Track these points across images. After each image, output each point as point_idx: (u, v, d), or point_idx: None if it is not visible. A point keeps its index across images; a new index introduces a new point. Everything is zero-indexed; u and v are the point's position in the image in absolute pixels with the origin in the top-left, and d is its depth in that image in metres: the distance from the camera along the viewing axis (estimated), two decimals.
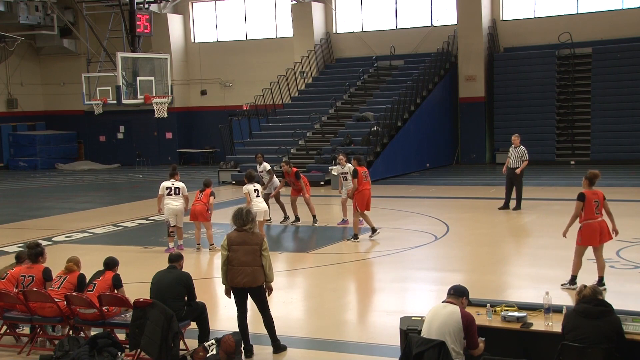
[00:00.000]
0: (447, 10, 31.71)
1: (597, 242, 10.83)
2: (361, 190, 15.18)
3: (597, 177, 10.94)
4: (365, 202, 15.22)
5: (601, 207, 10.82)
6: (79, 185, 29.44)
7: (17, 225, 19.19)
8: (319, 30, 33.31)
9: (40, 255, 9.46)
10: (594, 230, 10.76)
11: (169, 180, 14.81)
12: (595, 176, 10.92)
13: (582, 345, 6.58)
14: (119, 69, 21.21)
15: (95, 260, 10.43)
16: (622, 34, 28.94)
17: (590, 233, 10.78)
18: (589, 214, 10.74)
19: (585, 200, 10.75)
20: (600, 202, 10.80)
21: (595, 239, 10.80)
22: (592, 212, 10.75)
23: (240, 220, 8.59)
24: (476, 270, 12.79)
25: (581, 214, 10.80)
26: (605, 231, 10.85)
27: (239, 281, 8.50)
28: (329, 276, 12.83)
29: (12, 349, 9.16)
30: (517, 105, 30.13)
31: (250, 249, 8.48)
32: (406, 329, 7.35)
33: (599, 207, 10.79)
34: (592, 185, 10.93)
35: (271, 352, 8.74)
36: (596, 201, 10.78)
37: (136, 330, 8.16)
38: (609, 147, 28.41)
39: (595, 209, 10.77)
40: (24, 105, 37.82)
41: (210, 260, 14.35)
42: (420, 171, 28.61)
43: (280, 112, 30.89)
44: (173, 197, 14.60)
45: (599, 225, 10.78)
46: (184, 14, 36.46)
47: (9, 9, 32.12)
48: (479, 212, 18.80)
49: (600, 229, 10.79)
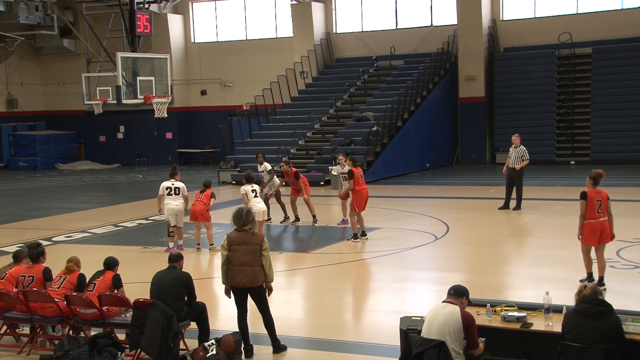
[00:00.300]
0: (447, 10, 31.72)
1: (596, 243, 10.85)
2: (358, 191, 15.20)
3: (601, 176, 10.96)
4: (363, 202, 15.23)
5: (604, 207, 10.83)
6: (79, 185, 29.45)
7: (17, 225, 19.19)
8: (319, 30, 33.31)
9: (41, 255, 9.47)
10: (595, 229, 10.77)
11: (169, 180, 14.82)
12: (599, 176, 10.94)
13: (582, 345, 6.58)
14: (119, 69, 21.21)
15: (95, 260, 10.44)
16: (622, 34, 28.94)
17: (590, 232, 10.80)
18: (591, 213, 10.75)
19: (587, 199, 10.77)
20: (603, 201, 10.81)
21: (594, 239, 10.82)
22: (594, 211, 10.76)
23: (240, 221, 8.60)
24: (476, 270, 12.79)
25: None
26: (606, 232, 10.85)
27: (239, 281, 8.50)
28: (329, 276, 12.83)
29: (12, 349, 9.16)
30: (517, 105, 30.12)
31: (250, 249, 8.49)
32: (406, 329, 7.34)
33: (602, 207, 10.80)
34: (596, 185, 10.95)
35: (271, 352, 8.74)
36: (599, 200, 10.79)
37: (136, 330, 8.16)
38: (609, 147, 28.41)
39: (598, 208, 10.77)
40: (24, 105, 37.82)
41: (210, 260, 14.35)
42: (420, 171, 28.60)
43: (280, 112, 30.89)
44: (173, 197, 14.61)
45: (600, 225, 10.79)
46: (184, 14, 36.46)
47: (9, 9, 32.12)
48: (479, 212, 18.79)
49: (602, 229, 10.80)
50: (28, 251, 9.50)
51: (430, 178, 26.83)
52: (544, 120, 29.68)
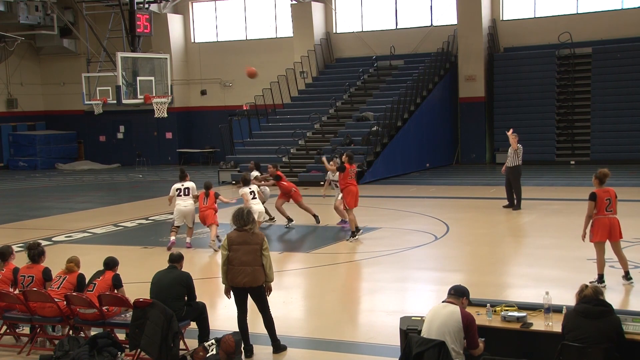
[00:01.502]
0: (447, 10, 31.72)
1: (606, 236, 10.94)
2: (348, 187, 15.27)
3: (607, 176, 11.09)
4: (353, 199, 15.28)
5: (614, 204, 10.96)
6: (79, 185, 29.44)
7: (17, 225, 19.19)
8: (319, 30, 33.31)
9: (42, 255, 9.47)
10: (604, 225, 10.89)
11: (180, 182, 15.12)
12: (605, 175, 11.08)
13: (582, 345, 6.58)
14: (119, 69, 21.21)
15: (95, 260, 10.43)
16: (622, 34, 28.94)
17: (599, 227, 10.90)
18: (600, 211, 10.89)
19: (597, 199, 10.88)
20: (612, 199, 10.94)
21: (604, 233, 10.90)
22: (603, 209, 10.90)
23: (241, 221, 8.61)
24: (476, 270, 12.79)
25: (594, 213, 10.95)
26: (615, 228, 10.95)
27: (240, 281, 8.50)
28: (329, 276, 12.84)
29: (12, 349, 9.16)
30: (517, 105, 30.12)
31: (250, 249, 8.49)
32: (406, 329, 7.34)
33: (611, 205, 10.93)
34: (603, 184, 11.06)
35: (271, 352, 8.75)
36: (608, 199, 10.92)
37: (136, 330, 8.16)
38: (608, 147, 28.41)
39: (608, 206, 10.91)
40: (24, 105, 37.82)
41: (210, 260, 14.35)
42: (420, 171, 28.60)
43: (280, 112, 30.89)
44: (183, 198, 15.04)
45: (609, 221, 10.90)
46: (184, 14, 36.45)
47: (9, 9, 32.11)
48: (479, 212, 18.80)
49: (611, 224, 10.90)
50: (28, 252, 9.50)
51: (430, 178, 26.83)
52: (544, 120, 29.69)
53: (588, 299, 6.77)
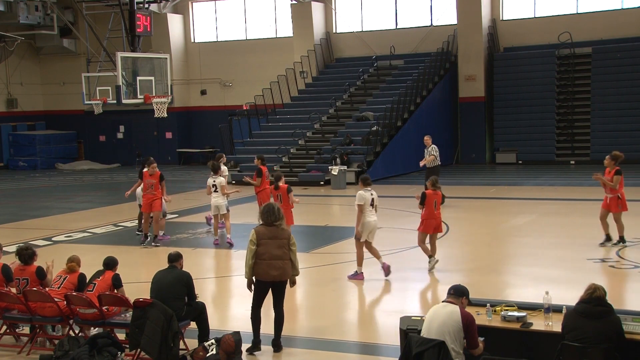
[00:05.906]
0: (447, 10, 31.71)
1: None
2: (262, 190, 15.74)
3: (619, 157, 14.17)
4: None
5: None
6: (79, 185, 29.43)
7: (17, 225, 19.18)
8: (318, 30, 33.31)
9: (33, 257, 9.48)
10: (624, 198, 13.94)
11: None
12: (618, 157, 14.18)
13: (582, 345, 6.58)
14: (119, 68, 21.18)
15: (95, 260, 10.43)
16: (622, 34, 28.95)
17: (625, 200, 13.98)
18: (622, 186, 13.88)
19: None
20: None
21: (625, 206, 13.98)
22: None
23: (272, 216, 8.78)
24: (476, 270, 12.79)
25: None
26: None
27: (271, 274, 8.64)
28: (329, 276, 12.83)
29: (12, 349, 9.16)
30: (517, 105, 30.12)
31: (281, 243, 8.71)
32: (406, 329, 7.35)
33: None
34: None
35: (271, 352, 8.74)
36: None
37: (136, 330, 8.16)
38: (608, 147, 28.14)
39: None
40: (24, 105, 37.82)
41: (211, 260, 14.35)
42: (420, 171, 28.54)
43: (280, 112, 30.89)
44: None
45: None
46: (184, 13, 36.45)
47: (9, 9, 32.11)
48: (479, 212, 18.79)
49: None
50: (19, 256, 9.49)
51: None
52: (544, 120, 29.69)
53: (588, 299, 6.76)
